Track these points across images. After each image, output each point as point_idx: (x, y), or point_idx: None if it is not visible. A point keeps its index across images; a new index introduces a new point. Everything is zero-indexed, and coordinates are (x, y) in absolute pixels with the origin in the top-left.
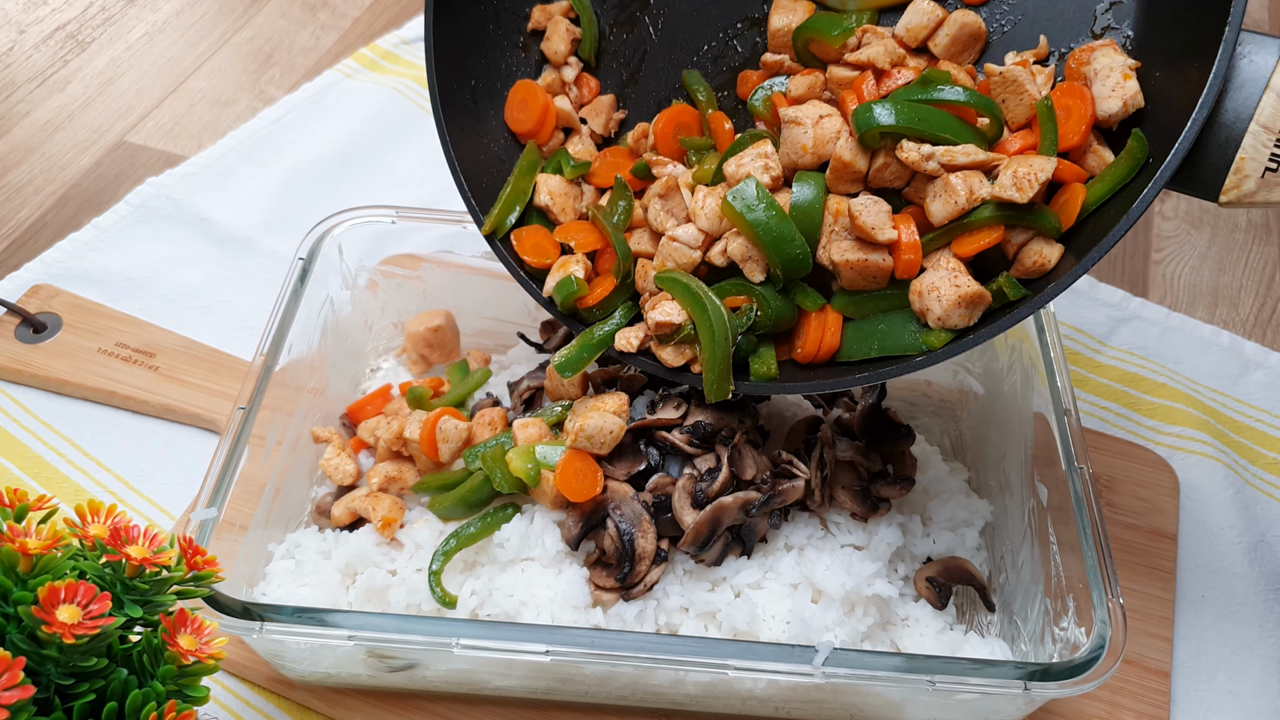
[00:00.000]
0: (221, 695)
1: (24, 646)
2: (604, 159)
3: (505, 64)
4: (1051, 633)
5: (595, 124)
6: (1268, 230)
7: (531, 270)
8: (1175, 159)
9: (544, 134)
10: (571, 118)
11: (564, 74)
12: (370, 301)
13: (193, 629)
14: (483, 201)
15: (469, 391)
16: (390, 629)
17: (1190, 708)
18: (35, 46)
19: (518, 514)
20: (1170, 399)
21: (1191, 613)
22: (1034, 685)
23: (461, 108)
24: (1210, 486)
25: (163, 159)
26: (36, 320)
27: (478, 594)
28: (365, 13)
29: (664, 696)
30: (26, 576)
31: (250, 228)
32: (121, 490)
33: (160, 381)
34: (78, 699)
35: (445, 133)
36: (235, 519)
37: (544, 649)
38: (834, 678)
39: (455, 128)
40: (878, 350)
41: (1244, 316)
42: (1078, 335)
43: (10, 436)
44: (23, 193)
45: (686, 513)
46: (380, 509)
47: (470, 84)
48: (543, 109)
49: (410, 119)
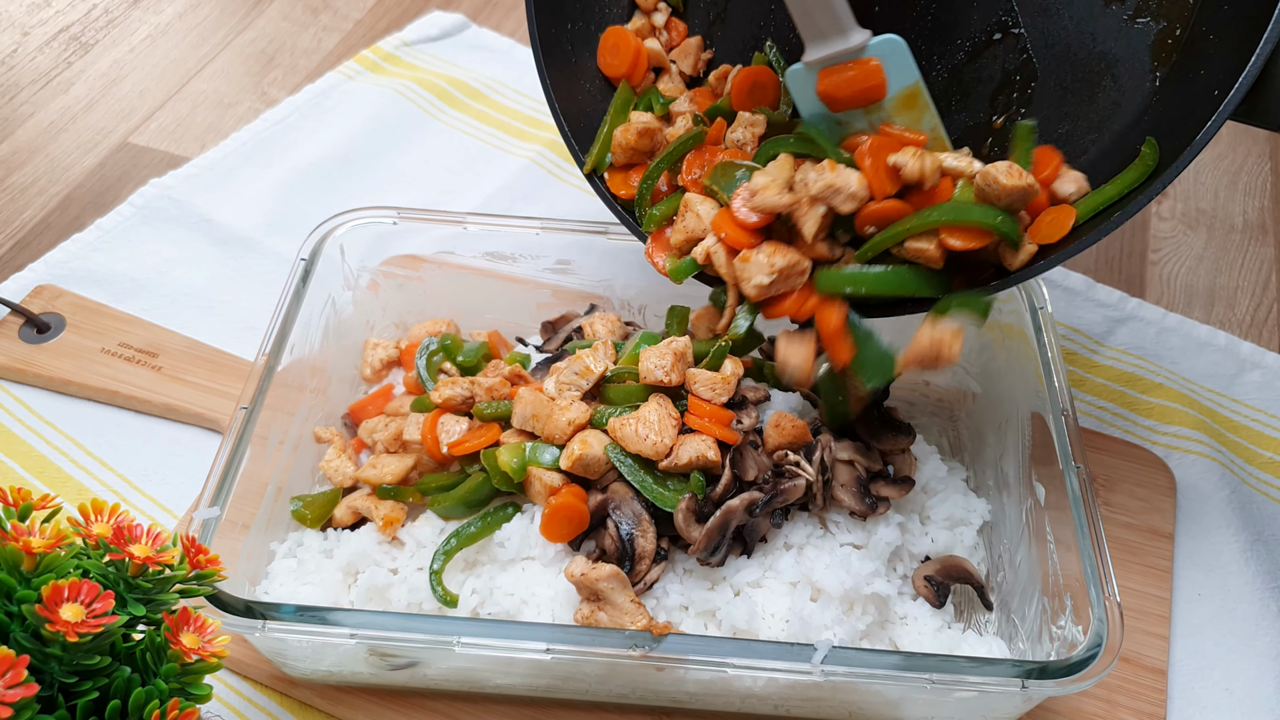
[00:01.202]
0: (224, 693)
1: (28, 645)
2: (693, 98)
3: (599, 8)
4: (1049, 631)
5: (684, 65)
6: (1264, 231)
7: (625, 203)
8: (1245, 83)
9: (636, 76)
10: (662, 58)
11: (654, 19)
12: (372, 302)
13: (195, 627)
14: (580, 141)
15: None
16: (392, 627)
17: (1187, 705)
18: (39, 48)
19: (518, 513)
20: (1167, 399)
21: (1188, 611)
22: (1031, 683)
23: (559, 53)
24: (1207, 486)
25: (166, 160)
26: (40, 320)
27: (479, 593)
28: (367, 15)
29: (664, 694)
30: (30, 575)
31: (253, 228)
32: (125, 489)
33: (163, 381)
34: (81, 697)
35: (545, 76)
36: (238, 518)
37: (544, 647)
38: (832, 676)
39: (554, 71)
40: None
41: (1240, 317)
42: (1075, 335)
43: (14, 436)
44: (27, 194)
45: (693, 528)
46: (382, 508)
47: (567, 29)
48: (634, 53)
49: (411, 120)
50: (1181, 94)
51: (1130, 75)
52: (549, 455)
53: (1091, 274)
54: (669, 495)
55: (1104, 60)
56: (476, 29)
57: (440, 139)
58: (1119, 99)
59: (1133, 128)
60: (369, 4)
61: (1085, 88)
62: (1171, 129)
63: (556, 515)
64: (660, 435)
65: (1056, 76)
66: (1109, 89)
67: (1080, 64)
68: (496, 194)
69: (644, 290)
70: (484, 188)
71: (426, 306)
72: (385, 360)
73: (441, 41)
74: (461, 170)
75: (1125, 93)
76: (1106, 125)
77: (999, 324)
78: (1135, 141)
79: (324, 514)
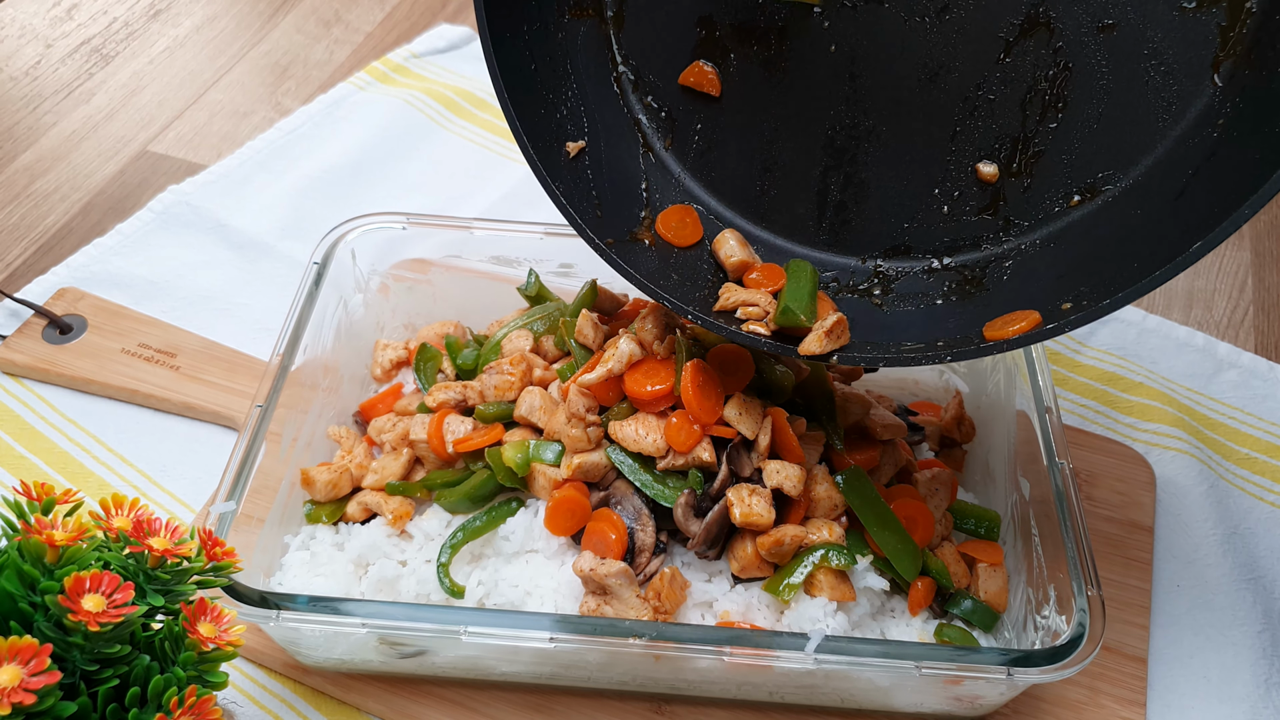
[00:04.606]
0: (239, 680)
1: (51, 634)
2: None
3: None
4: (1034, 621)
5: None
6: (1240, 237)
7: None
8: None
9: None
10: None
11: None
12: (382, 304)
13: (212, 617)
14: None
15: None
16: (401, 617)
17: (1166, 692)
18: (61, 60)
19: (522, 508)
20: (1147, 397)
21: (1168, 602)
22: (1017, 671)
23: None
24: (1185, 481)
25: (183, 168)
26: (63, 322)
27: (484, 584)
28: (377, 28)
29: (663, 682)
30: (53, 567)
31: (267, 233)
32: (144, 484)
33: (181, 380)
34: (102, 684)
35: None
36: (253, 512)
37: (548, 636)
38: (825, 664)
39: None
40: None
41: (1217, 318)
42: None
43: (38, 433)
44: (50, 200)
45: (691, 523)
46: (391, 503)
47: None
48: None
49: (420, 129)
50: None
51: (1184, 77)
52: (552, 452)
53: None
54: (669, 492)
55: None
56: None
57: (448, 147)
58: (1171, 103)
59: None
60: (379, 17)
61: (1129, 93)
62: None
63: (559, 509)
64: (659, 434)
65: (1095, 80)
66: (1158, 93)
67: (1125, 61)
68: (502, 200)
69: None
70: (490, 194)
71: (435, 308)
72: (394, 360)
73: (449, 53)
74: (468, 177)
75: (1176, 100)
76: (1143, 152)
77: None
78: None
79: (336, 512)
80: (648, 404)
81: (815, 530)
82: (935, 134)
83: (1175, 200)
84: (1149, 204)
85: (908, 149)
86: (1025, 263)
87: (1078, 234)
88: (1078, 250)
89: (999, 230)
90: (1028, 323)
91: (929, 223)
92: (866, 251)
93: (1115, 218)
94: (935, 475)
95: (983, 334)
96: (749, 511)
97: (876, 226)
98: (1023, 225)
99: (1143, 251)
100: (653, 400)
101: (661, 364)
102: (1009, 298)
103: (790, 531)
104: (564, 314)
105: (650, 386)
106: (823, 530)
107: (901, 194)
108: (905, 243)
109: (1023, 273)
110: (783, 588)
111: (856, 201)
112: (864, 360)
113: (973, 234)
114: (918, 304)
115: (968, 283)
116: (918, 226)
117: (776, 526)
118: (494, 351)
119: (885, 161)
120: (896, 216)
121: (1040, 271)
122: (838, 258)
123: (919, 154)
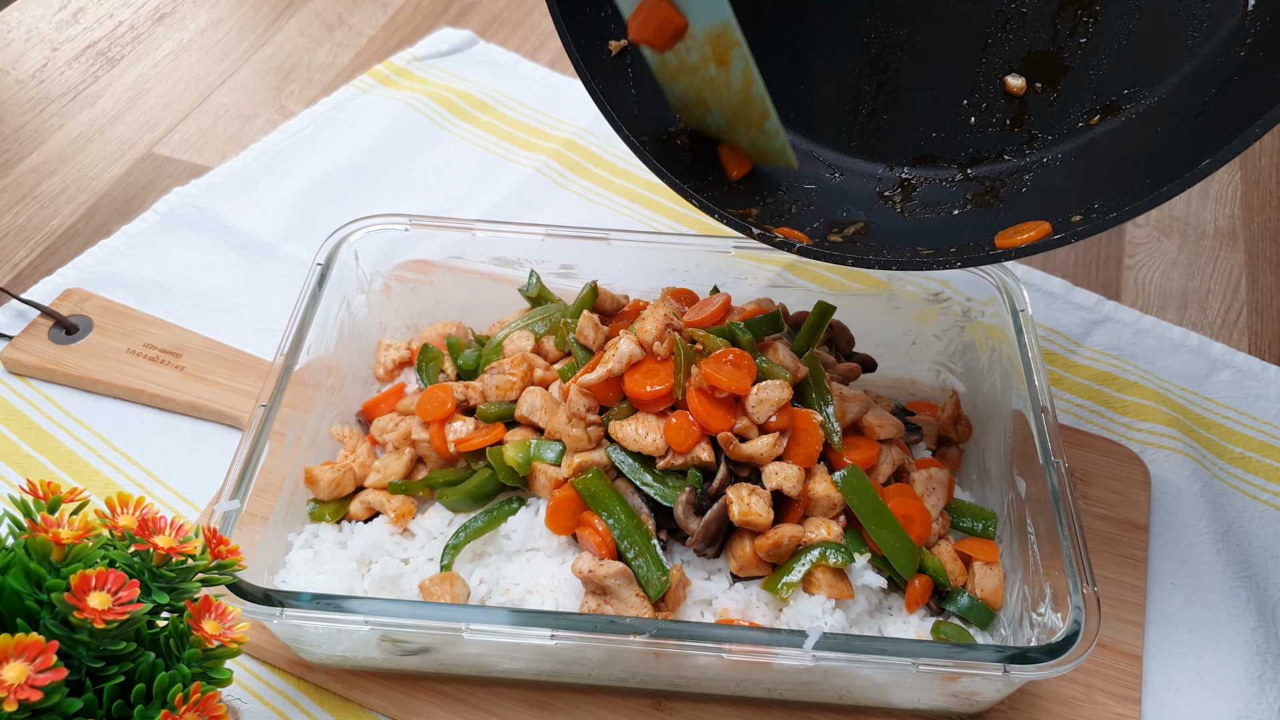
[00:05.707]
0: (244, 677)
1: (57, 631)
2: None
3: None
4: (1030, 618)
5: None
6: (1234, 237)
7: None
8: None
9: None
10: None
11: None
12: (385, 305)
13: (216, 615)
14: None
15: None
16: (404, 615)
17: (1160, 689)
18: (67, 63)
19: (523, 507)
20: (1142, 397)
21: (1162, 599)
22: (1013, 667)
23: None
24: (1180, 480)
25: (188, 170)
26: (69, 322)
27: (486, 582)
28: (380, 31)
29: (663, 679)
30: (59, 565)
31: (271, 235)
32: (149, 483)
33: (186, 380)
34: (108, 681)
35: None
36: (257, 510)
37: (548, 634)
38: (824, 661)
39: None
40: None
41: (1211, 319)
42: (1054, 337)
43: (44, 433)
44: (56, 201)
45: (691, 520)
46: (393, 502)
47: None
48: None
49: (422, 132)
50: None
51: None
52: (553, 451)
53: (1070, 278)
54: (669, 491)
55: None
56: (484, 45)
57: (450, 149)
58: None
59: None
60: (382, 21)
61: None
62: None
63: (560, 508)
64: (659, 434)
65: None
66: (1190, 10)
67: None
68: (503, 202)
69: (645, 294)
70: (491, 196)
71: (437, 309)
72: (397, 360)
73: (451, 56)
74: (470, 179)
75: (1208, 17)
76: (1170, 70)
77: (982, 325)
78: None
79: (339, 510)
80: (647, 404)
81: (814, 529)
82: (967, 45)
83: (1195, 119)
84: (1170, 122)
85: (940, 59)
86: (1044, 176)
87: (1099, 149)
88: (1097, 165)
89: (1022, 143)
90: (1037, 232)
91: (955, 133)
92: (894, 159)
93: (1136, 134)
94: (932, 474)
95: (994, 242)
96: (748, 510)
97: (905, 135)
98: (1046, 139)
99: (1156, 168)
100: (652, 400)
101: (661, 364)
102: (1024, 210)
103: (788, 533)
104: (565, 315)
105: (650, 387)
106: (821, 529)
107: (931, 104)
108: (931, 152)
109: (1041, 186)
110: (781, 586)
111: (888, 109)
112: (879, 262)
113: (997, 146)
114: (936, 212)
115: (987, 193)
116: (945, 136)
117: (775, 526)
118: (495, 352)
119: (917, 71)
120: (925, 126)
121: (1058, 185)
122: (866, 164)
123: (950, 65)
